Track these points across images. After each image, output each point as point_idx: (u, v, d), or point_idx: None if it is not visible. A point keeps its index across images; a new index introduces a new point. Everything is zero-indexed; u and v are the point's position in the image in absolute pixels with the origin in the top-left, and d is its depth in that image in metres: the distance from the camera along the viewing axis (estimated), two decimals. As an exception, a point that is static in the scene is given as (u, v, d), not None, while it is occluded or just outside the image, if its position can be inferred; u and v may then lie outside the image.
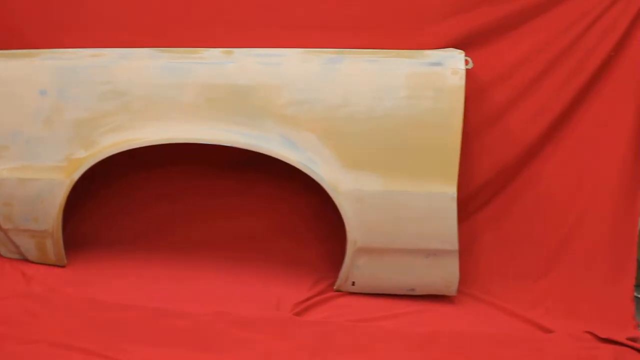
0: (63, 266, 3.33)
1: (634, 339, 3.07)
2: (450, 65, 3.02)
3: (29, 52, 3.23)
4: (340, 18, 3.30)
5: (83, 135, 3.11)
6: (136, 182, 3.58)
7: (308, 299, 3.17)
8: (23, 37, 3.39)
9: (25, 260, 3.34)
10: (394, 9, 3.29)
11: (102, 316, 2.95)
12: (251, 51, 3.17)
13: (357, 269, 3.16)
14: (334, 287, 3.25)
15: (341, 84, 3.03)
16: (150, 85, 3.09)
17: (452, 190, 3.01)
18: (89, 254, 3.42)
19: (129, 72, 3.11)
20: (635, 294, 3.34)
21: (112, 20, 3.38)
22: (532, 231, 3.37)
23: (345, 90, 3.03)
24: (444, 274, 3.14)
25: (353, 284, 3.20)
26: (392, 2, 3.29)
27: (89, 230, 3.54)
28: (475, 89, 3.23)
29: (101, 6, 3.37)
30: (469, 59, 3.05)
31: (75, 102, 3.11)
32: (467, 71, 3.02)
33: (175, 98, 3.08)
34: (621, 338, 3.02)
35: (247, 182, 3.53)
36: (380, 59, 3.08)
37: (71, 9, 3.39)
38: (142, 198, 3.58)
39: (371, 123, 3.01)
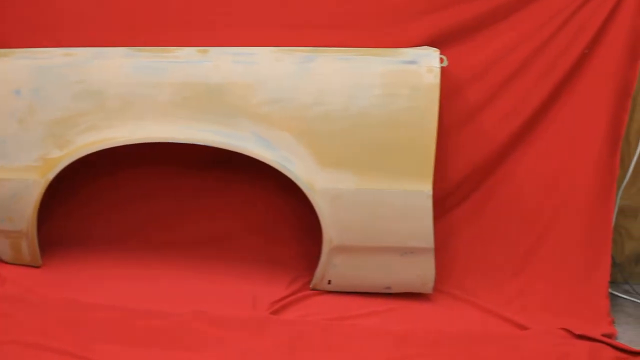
0: (38, 267, 3.30)
1: (609, 335, 3.09)
2: (425, 64, 3.02)
3: (2, 52, 3.20)
4: (315, 16, 3.29)
5: (58, 135, 3.10)
6: (112, 182, 3.56)
7: (284, 297, 3.16)
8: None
9: (0, 260, 3.33)
10: (368, 7, 3.29)
11: (77, 316, 2.94)
12: (226, 50, 3.16)
13: (333, 267, 3.16)
14: (310, 286, 3.25)
15: (315, 83, 3.04)
16: (125, 84, 3.08)
17: (427, 188, 3.02)
18: (65, 254, 3.39)
19: (104, 71, 3.10)
20: (610, 290, 3.36)
21: (87, 20, 3.36)
22: (507, 228, 3.39)
23: (319, 88, 3.03)
24: (420, 272, 3.14)
25: (329, 282, 3.20)
26: (367, 0, 3.29)
27: (64, 230, 3.52)
28: (450, 87, 3.24)
29: (75, 5, 3.35)
30: (444, 57, 3.06)
31: (49, 102, 3.10)
32: (442, 69, 3.03)
33: (151, 97, 3.07)
34: (596, 334, 3.03)
35: (224, 181, 3.51)
36: (355, 57, 3.08)
37: (44, 8, 3.36)
38: (118, 198, 3.56)
39: (346, 121, 3.01)
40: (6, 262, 3.31)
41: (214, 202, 3.54)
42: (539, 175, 3.36)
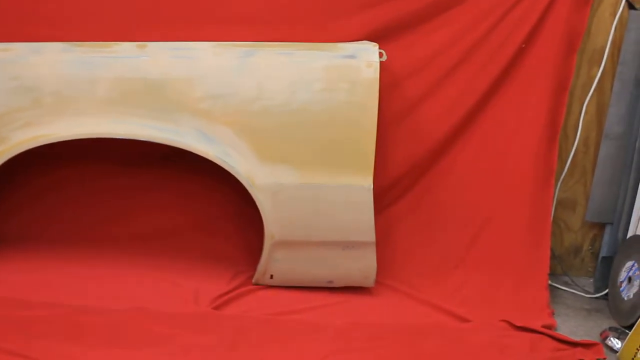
0: (-20, 264, 3.28)
1: (549, 327, 3.14)
2: (365, 58, 3.03)
3: (-63, 48, 3.16)
4: (254, 11, 3.27)
5: (-6, 131, 3.07)
6: (55, 179, 3.51)
7: (226, 292, 3.16)
8: None
9: (-61, 258, 3.29)
10: (308, 1, 3.28)
11: (19, 314, 2.91)
12: (165, 45, 3.14)
13: (275, 262, 3.16)
14: (253, 281, 3.24)
15: (255, 78, 3.03)
16: (62, 80, 3.05)
17: (368, 182, 3.03)
18: (5, 251, 3.35)
19: (40, 67, 3.06)
20: (550, 282, 3.40)
21: (24, 14, 3.31)
22: (447, 222, 3.42)
23: (259, 83, 3.02)
24: (362, 266, 3.16)
25: (271, 277, 3.20)
26: (303, -5, 3.30)
27: (7, 227, 3.47)
28: (389, 82, 3.25)
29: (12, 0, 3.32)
30: (383, 51, 3.07)
31: (-15, 98, 3.06)
32: (382, 64, 3.04)
33: (89, 93, 3.04)
34: (537, 326, 3.08)
35: (166, 177, 3.49)
36: (295, 52, 3.08)
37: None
38: (60, 195, 3.51)
39: (286, 116, 3.02)
40: (-55, 261, 3.27)
41: (157, 198, 3.51)
42: (478, 169, 3.39)
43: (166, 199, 3.51)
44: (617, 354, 3.04)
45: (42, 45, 3.14)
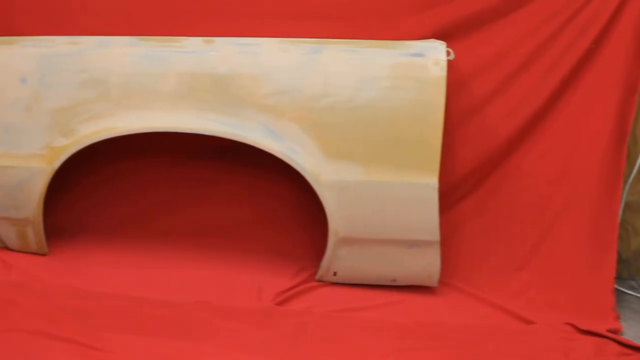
0: (44, 254, 3.30)
1: (614, 331, 3.09)
2: (432, 56, 3.02)
3: (8, 39, 3.20)
4: (322, 8, 3.28)
5: (63, 123, 3.09)
6: (118, 170, 3.56)
7: (290, 288, 3.17)
8: (2, 24, 3.37)
9: (6, 248, 3.32)
10: (374, -1, 3.29)
11: (82, 305, 2.94)
12: (232, 40, 3.15)
13: (338, 259, 3.16)
14: (316, 277, 3.25)
15: (322, 74, 3.03)
16: (130, 73, 3.08)
17: (433, 180, 3.01)
18: (71, 242, 3.40)
19: (108, 60, 3.09)
20: (616, 286, 3.35)
21: (92, 8, 3.35)
22: (513, 222, 3.38)
23: (326, 80, 3.02)
24: (426, 265, 3.14)
25: (335, 274, 3.20)
26: (373, -8, 3.29)
27: (70, 218, 3.52)
28: (456, 80, 3.23)
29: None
30: (450, 50, 3.05)
31: (54, 90, 3.09)
32: (449, 62, 3.02)
33: (156, 87, 3.07)
34: (601, 330, 3.04)
35: (230, 171, 3.51)
36: (361, 50, 3.07)
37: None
38: (123, 186, 3.56)
39: (352, 113, 3.01)
40: (13, 250, 3.31)
41: (222, 192, 3.54)
42: (545, 170, 3.35)
43: (231, 193, 3.53)
44: (683, 359, 3.01)
45: (110, 38, 3.18)
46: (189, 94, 3.05)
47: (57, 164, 3.11)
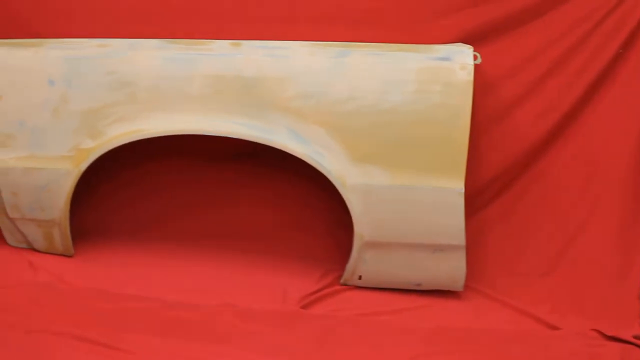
0: (70, 256, 3.32)
1: (640, 337, 3.08)
2: (459, 60, 3.01)
3: (36, 42, 3.21)
4: (348, 12, 3.29)
5: (90, 125, 3.11)
6: (143, 172, 3.58)
7: (315, 292, 3.17)
8: (29, 26, 3.40)
9: (33, 249, 3.34)
10: (402, 2, 3.28)
11: (108, 306, 2.95)
12: (259, 43, 3.15)
13: (364, 263, 3.15)
14: (341, 281, 3.24)
15: (348, 78, 3.03)
16: (157, 76, 3.08)
17: (459, 185, 3.00)
18: (96, 244, 3.42)
19: (136, 62, 3.10)
20: (642, 291, 3.35)
21: (120, 11, 3.38)
22: (539, 227, 3.37)
23: (352, 84, 3.02)
24: (451, 270, 3.13)
25: (360, 277, 3.20)
26: (401, -4, 3.29)
27: (96, 220, 3.54)
28: (483, 85, 3.23)
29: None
30: (477, 54, 3.04)
31: (82, 92, 3.10)
32: (476, 66, 3.01)
33: (183, 89, 3.07)
34: (628, 336, 3.01)
35: (255, 173, 3.52)
36: (388, 53, 3.07)
37: (78, -2, 3.40)
38: (148, 188, 3.58)
39: (379, 117, 3.01)
40: (39, 251, 3.33)
41: (248, 195, 3.54)
42: (572, 175, 3.35)
43: (257, 196, 3.54)
44: None
45: (138, 41, 3.19)
46: (215, 96, 3.05)
47: (83, 165, 3.12)
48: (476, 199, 3.37)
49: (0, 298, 2.97)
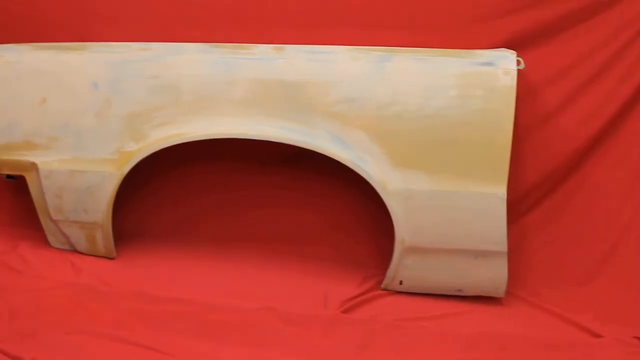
0: (112, 258, 3.35)
1: (682, 345, 3.05)
2: (502, 66, 3.00)
3: (80, 45, 3.25)
4: (390, 17, 3.30)
5: (133, 128, 3.13)
6: (184, 174, 3.60)
7: (356, 296, 3.16)
8: (73, 30, 3.43)
9: (75, 251, 3.37)
10: (445, 8, 3.27)
11: (149, 309, 2.97)
12: (301, 48, 3.16)
13: (404, 268, 3.15)
14: (382, 286, 3.24)
15: (390, 83, 3.02)
16: (201, 80, 3.10)
17: (501, 191, 2.99)
18: (138, 246, 3.44)
19: (179, 66, 3.12)
20: (685, 299, 3.31)
21: (163, 15, 3.40)
22: (582, 234, 3.35)
23: (394, 88, 3.01)
24: (492, 275, 3.12)
25: (400, 282, 3.19)
26: (443, 1, 3.27)
27: (137, 222, 3.57)
28: (526, 90, 3.23)
29: (153, 1, 3.39)
30: (520, 59, 3.03)
31: (126, 96, 3.13)
32: (519, 72, 3.00)
33: (225, 93, 3.09)
34: (669, 343, 3.00)
35: (297, 178, 3.53)
36: (431, 58, 3.06)
37: (123, 3, 3.41)
38: (190, 191, 3.60)
39: (421, 122, 3.00)
40: (81, 253, 3.36)
41: (290, 199, 3.55)
42: (616, 181, 3.32)
43: (299, 200, 3.55)
44: None
45: (182, 45, 3.22)
46: (258, 101, 3.06)
47: (126, 168, 3.14)
48: (518, 204, 3.36)
49: (42, 299, 3.00)
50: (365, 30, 3.30)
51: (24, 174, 3.25)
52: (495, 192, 2.99)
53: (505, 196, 2.99)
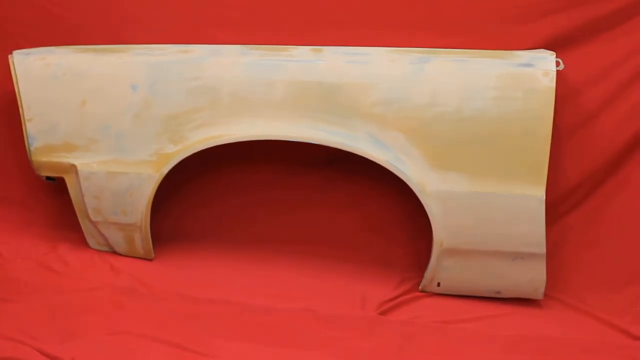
0: (151, 259, 3.37)
1: None
2: (541, 67, 2.98)
3: (119, 48, 3.27)
4: (429, 18, 3.28)
5: (172, 130, 3.15)
6: (222, 176, 3.60)
7: (393, 298, 3.16)
8: (113, 32, 3.45)
9: (114, 252, 3.39)
10: (484, 9, 3.26)
11: (188, 310, 2.98)
12: (340, 50, 3.17)
13: (442, 270, 3.14)
14: (419, 288, 3.23)
15: (430, 84, 3.01)
16: (240, 81, 3.11)
17: (540, 192, 2.98)
18: (176, 247, 3.47)
19: (219, 68, 3.13)
20: None
21: (204, 18, 3.41)
22: (621, 236, 3.31)
23: (433, 90, 3.01)
24: (531, 277, 3.10)
25: (438, 284, 3.18)
26: (482, 2, 3.26)
27: (175, 223, 3.59)
28: (565, 91, 3.20)
29: (191, 3, 3.41)
30: (560, 60, 3.01)
31: (165, 98, 3.14)
32: (558, 73, 2.98)
33: (264, 95, 3.09)
34: None
35: (334, 179, 3.53)
36: (469, 59, 3.05)
37: (161, 5, 3.43)
38: (228, 192, 3.60)
39: (459, 123, 2.99)
40: (120, 254, 3.38)
41: (328, 201, 3.55)
42: (656, 183, 3.30)
43: (336, 201, 3.55)
44: None
45: (221, 47, 3.23)
46: (296, 102, 3.07)
47: (165, 170, 3.16)
48: (558, 206, 3.33)
49: (82, 300, 3.03)
50: (404, 32, 3.29)
51: (63, 175, 3.28)
52: (534, 194, 2.98)
53: (544, 198, 2.98)
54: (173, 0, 3.42)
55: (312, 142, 3.06)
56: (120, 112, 3.17)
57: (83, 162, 3.22)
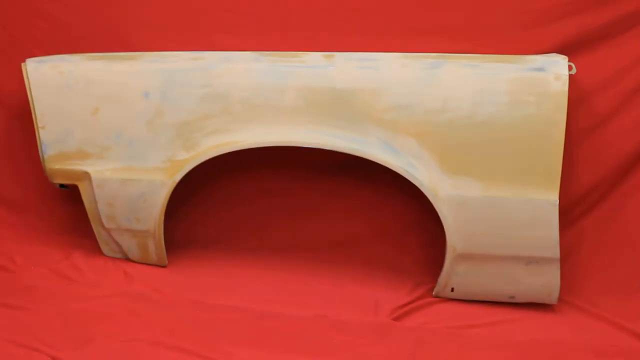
0: (164, 266, 3.37)
1: None
2: (554, 71, 2.98)
3: (132, 55, 3.28)
4: (441, 23, 3.29)
5: (185, 137, 3.15)
6: (235, 182, 3.60)
7: (406, 304, 3.15)
8: (125, 40, 3.46)
9: (127, 259, 3.39)
10: (495, 13, 3.26)
11: (202, 316, 2.98)
12: (351, 55, 3.16)
13: (456, 275, 3.14)
14: (433, 293, 3.22)
15: (441, 89, 3.01)
16: (251, 88, 3.11)
17: (554, 197, 2.97)
18: (189, 254, 3.47)
19: (230, 75, 3.14)
20: None
21: (214, 25, 3.42)
22: (635, 240, 3.30)
23: (445, 95, 3.01)
24: (545, 282, 3.09)
25: (452, 290, 3.18)
26: (493, 6, 3.26)
27: (189, 230, 3.59)
28: (578, 95, 3.19)
29: (204, 10, 3.41)
30: (572, 64, 3.01)
31: (177, 105, 3.15)
32: (571, 77, 2.98)
33: (276, 101, 3.10)
34: None
35: (346, 185, 3.52)
36: (481, 64, 3.05)
37: (173, 12, 3.44)
38: (240, 199, 3.60)
39: (472, 128, 2.99)
40: (133, 261, 3.38)
41: (337, 206, 3.55)
42: (670, 187, 3.29)
43: (347, 207, 3.54)
44: None
45: (233, 54, 3.23)
46: (308, 108, 3.07)
47: (177, 177, 3.16)
48: (571, 210, 3.32)
49: (96, 307, 3.02)
50: (415, 37, 3.29)
51: (76, 183, 3.28)
52: (547, 199, 2.97)
53: (557, 202, 2.97)
54: (184, 7, 3.43)
55: (324, 148, 3.06)
56: (133, 119, 3.17)
57: (96, 169, 3.22)
